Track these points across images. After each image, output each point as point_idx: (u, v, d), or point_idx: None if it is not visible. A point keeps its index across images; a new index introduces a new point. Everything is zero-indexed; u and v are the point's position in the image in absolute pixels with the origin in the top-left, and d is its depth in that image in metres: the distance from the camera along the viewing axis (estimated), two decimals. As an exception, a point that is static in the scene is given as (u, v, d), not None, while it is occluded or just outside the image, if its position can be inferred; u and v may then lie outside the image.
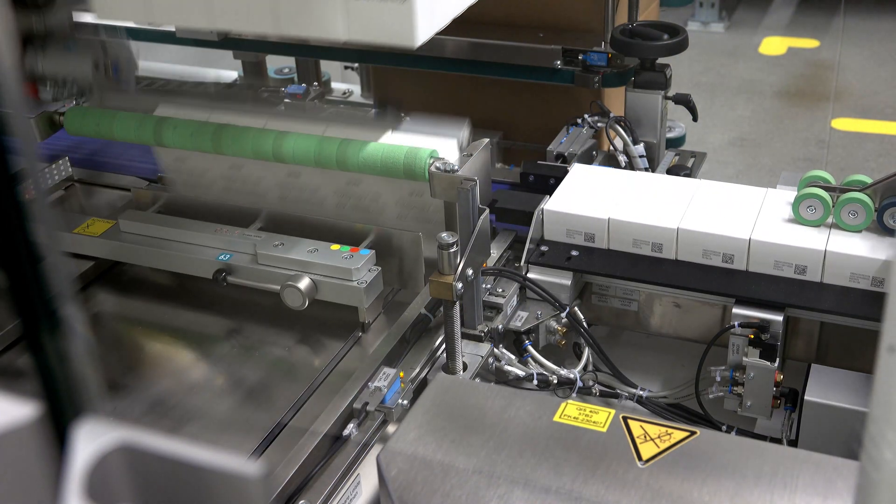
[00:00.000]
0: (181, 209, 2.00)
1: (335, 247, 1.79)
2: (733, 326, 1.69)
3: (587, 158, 2.21)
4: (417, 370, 1.69)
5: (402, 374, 1.63)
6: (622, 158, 2.22)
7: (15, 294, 0.60)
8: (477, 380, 1.70)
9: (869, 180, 1.75)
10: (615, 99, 2.47)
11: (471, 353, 1.74)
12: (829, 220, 1.76)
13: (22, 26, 2.11)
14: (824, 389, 1.61)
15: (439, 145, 1.77)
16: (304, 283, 1.73)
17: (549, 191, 1.96)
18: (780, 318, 1.68)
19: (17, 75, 0.59)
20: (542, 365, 1.81)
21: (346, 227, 1.86)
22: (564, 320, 1.85)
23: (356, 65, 3.13)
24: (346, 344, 1.76)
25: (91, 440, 0.58)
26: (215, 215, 1.96)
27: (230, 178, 1.98)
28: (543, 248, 1.90)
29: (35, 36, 2.17)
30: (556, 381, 1.77)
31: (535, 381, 1.76)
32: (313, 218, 1.89)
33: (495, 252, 1.96)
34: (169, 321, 1.91)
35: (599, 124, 2.26)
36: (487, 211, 1.69)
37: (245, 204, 1.94)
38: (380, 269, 1.78)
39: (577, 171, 2.03)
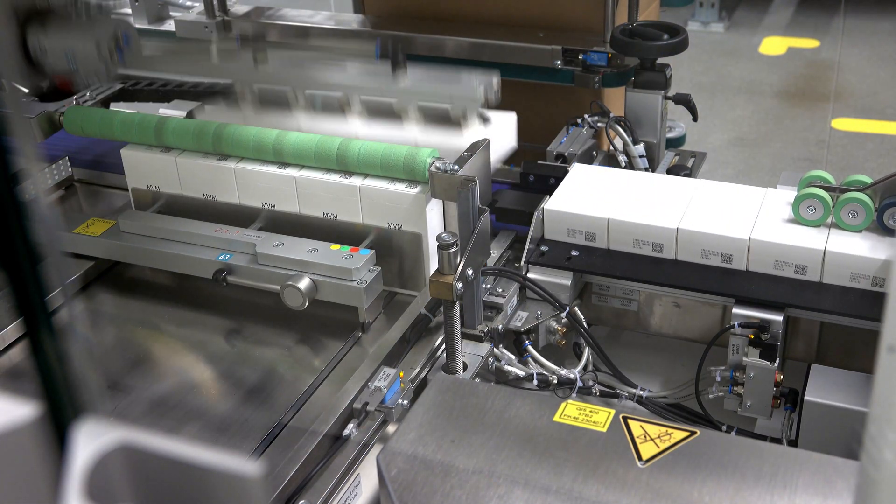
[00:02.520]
0: (181, 209, 2.00)
1: (335, 247, 1.79)
2: (733, 326, 1.69)
3: (587, 158, 2.21)
4: (417, 370, 1.69)
5: (402, 374, 1.63)
6: (622, 158, 2.22)
7: (15, 294, 0.60)
8: (477, 380, 1.70)
9: (869, 180, 1.75)
10: (615, 99, 2.47)
11: (471, 353, 1.74)
12: (829, 220, 1.76)
13: (24, 4, 2.09)
14: (824, 389, 1.61)
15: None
16: (304, 283, 1.73)
17: (549, 191, 1.96)
18: (780, 318, 1.68)
19: (17, 58, 0.59)
20: (542, 365, 1.81)
21: (346, 226, 1.86)
22: (564, 320, 1.85)
23: (356, 65, 3.13)
24: (346, 344, 1.76)
25: (91, 440, 0.58)
26: (215, 215, 1.96)
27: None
28: (543, 248, 1.90)
29: (37, 13, 2.15)
30: (556, 381, 1.77)
31: (535, 381, 1.76)
32: (313, 217, 1.89)
33: (495, 252, 1.96)
34: (169, 321, 1.91)
35: (599, 124, 2.26)
36: (488, 211, 1.69)
37: (245, 203, 1.94)
38: (380, 269, 1.78)
39: (577, 170, 2.03)
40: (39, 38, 2.12)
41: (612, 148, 2.25)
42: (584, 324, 1.86)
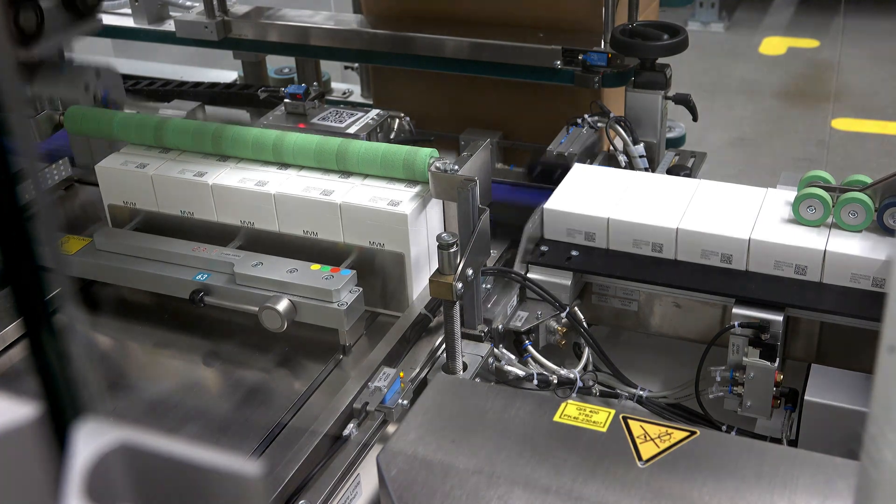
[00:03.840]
0: (158, 226, 1.94)
1: (315, 267, 1.73)
2: (733, 326, 1.69)
3: (587, 158, 2.21)
4: (417, 370, 1.69)
5: (402, 374, 1.63)
6: (622, 158, 2.22)
7: (15, 294, 0.60)
8: (477, 380, 1.70)
9: (869, 180, 1.75)
10: (615, 99, 2.47)
11: (471, 353, 1.74)
12: (829, 220, 1.76)
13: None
14: (824, 389, 1.61)
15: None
16: (282, 305, 1.67)
17: (555, 184, 1.96)
18: (780, 318, 1.68)
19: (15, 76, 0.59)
20: (542, 365, 1.81)
21: (327, 245, 1.80)
22: (564, 320, 1.85)
23: (356, 65, 3.13)
24: (327, 366, 1.72)
25: (91, 440, 0.58)
26: (193, 233, 1.89)
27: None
28: (543, 248, 1.90)
29: (24, 65, 2.18)
30: (556, 381, 1.77)
31: (535, 381, 1.76)
32: (293, 236, 1.83)
33: (495, 252, 1.96)
34: (146, 340, 1.87)
35: (599, 124, 2.26)
36: (487, 211, 1.69)
37: (223, 221, 1.88)
38: (361, 290, 1.72)
39: (577, 170, 2.03)
40: (26, 89, 2.15)
41: (612, 148, 2.25)
42: (584, 324, 1.86)
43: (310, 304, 1.70)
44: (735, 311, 1.71)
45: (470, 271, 1.64)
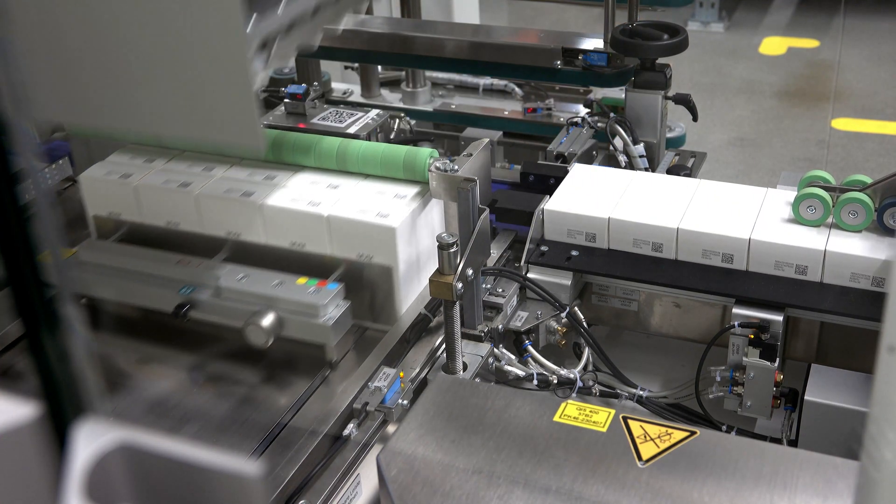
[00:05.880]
0: (144, 238, 1.89)
1: (301, 280, 1.69)
2: (733, 326, 1.69)
3: (587, 158, 2.21)
4: (417, 370, 1.69)
5: (402, 374, 1.63)
6: (622, 158, 2.22)
7: (15, 294, 0.61)
8: (477, 380, 1.70)
9: (869, 180, 1.75)
10: (615, 99, 2.47)
11: (471, 353, 1.74)
12: (829, 220, 1.76)
13: None
14: (824, 389, 1.61)
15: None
16: (267, 321, 1.63)
17: (549, 191, 1.96)
18: (780, 318, 1.68)
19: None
20: (542, 365, 1.81)
21: (314, 258, 1.77)
22: (564, 320, 1.85)
23: (356, 65, 3.13)
24: (314, 381, 1.71)
25: (91, 440, 0.58)
26: (179, 244, 1.85)
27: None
28: (543, 248, 1.90)
29: None
30: (556, 381, 1.77)
31: (535, 381, 1.76)
32: (280, 248, 1.79)
33: (495, 252, 1.96)
34: (133, 354, 1.84)
35: (599, 124, 2.26)
36: (487, 211, 1.69)
37: (209, 232, 1.84)
38: (349, 303, 1.69)
39: (577, 171, 2.03)
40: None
41: (612, 148, 2.25)
42: (584, 324, 1.86)
43: (295, 319, 1.66)
44: (735, 311, 1.71)
45: (470, 271, 1.64)
